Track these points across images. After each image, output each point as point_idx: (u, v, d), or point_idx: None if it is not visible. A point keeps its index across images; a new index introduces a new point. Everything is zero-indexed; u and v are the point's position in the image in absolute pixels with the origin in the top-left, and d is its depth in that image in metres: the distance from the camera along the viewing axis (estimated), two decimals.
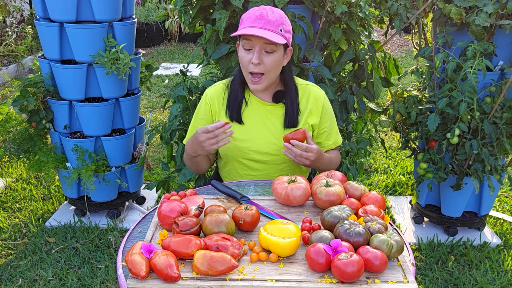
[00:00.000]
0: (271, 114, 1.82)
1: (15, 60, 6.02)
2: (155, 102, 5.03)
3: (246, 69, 1.70)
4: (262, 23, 1.61)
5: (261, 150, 1.82)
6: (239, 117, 1.81)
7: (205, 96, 1.88)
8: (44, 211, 3.04)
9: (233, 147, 1.83)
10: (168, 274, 1.13)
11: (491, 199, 2.67)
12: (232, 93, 1.82)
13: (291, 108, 1.80)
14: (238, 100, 1.81)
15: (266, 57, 1.66)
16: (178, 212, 1.35)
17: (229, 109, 1.82)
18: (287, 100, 1.80)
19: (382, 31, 7.57)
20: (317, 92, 1.86)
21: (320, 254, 1.17)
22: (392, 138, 4.26)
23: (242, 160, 1.86)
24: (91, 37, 2.43)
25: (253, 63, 1.65)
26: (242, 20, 1.68)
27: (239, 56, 1.72)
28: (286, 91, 1.80)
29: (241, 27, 1.66)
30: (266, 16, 1.62)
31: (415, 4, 2.27)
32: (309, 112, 1.84)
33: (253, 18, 1.63)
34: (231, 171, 1.93)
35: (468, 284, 2.42)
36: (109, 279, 2.42)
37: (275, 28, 1.63)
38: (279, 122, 1.82)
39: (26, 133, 2.68)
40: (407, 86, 2.81)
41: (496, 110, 2.30)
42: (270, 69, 1.68)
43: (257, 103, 1.82)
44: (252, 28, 1.61)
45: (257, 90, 1.73)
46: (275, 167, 1.86)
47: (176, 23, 7.36)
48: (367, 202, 1.44)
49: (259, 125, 1.82)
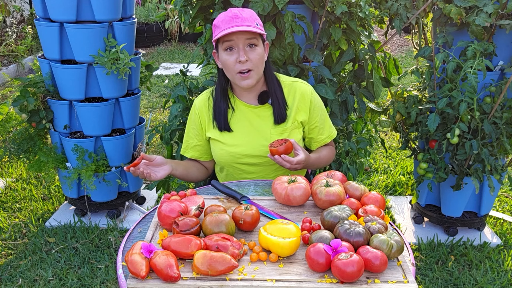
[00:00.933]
0: (258, 116, 1.83)
1: (15, 60, 6.02)
2: (155, 102, 5.03)
3: (233, 70, 1.70)
4: (239, 21, 1.63)
5: (253, 154, 1.82)
6: (227, 125, 1.82)
7: (194, 107, 1.89)
8: (44, 211, 3.04)
9: (225, 154, 1.84)
10: (168, 274, 1.13)
11: (491, 199, 2.67)
12: (215, 103, 1.83)
13: (278, 104, 1.80)
14: (222, 109, 1.81)
15: (251, 53, 1.67)
16: (178, 212, 1.35)
17: (216, 120, 1.83)
18: (272, 99, 1.80)
19: (382, 31, 7.57)
20: (304, 88, 1.85)
21: (320, 254, 1.17)
22: (392, 138, 4.26)
23: (236, 165, 1.86)
24: (91, 37, 2.43)
25: (240, 61, 1.66)
26: (216, 26, 1.68)
27: (221, 61, 1.71)
28: (269, 89, 1.80)
29: (218, 31, 1.66)
30: (240, 15, 1.65)
31: (415, 4, 2.27)
32: (297, 109, 1.83)
33: (228, 20, 1.64)
34: (227, 176, 1.94)
35: (468, 284, 2.42)
36: (109, 279, 2.42)
37: (252, 23, 1.65)
38: (267, 123, 1.82)
39: (26, 133, 2.68)
40: (407, 86, 2.81)
41: (496, 110, 2.30)
42: (257, 63, 1.69)
43: (243, 107, 1.83)
44: (232, 27, 1.62)
45: (249, 85, 1.73)
46: (269, 168, 1.87)
47: (176, 23, 7.36)
48: (367, 202, 1.44)
49: (249, 129, 1.83)
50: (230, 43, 1.66)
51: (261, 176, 1.88)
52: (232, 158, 1.84)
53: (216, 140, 1.85)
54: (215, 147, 1.87)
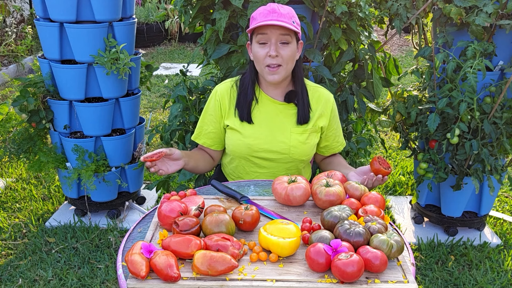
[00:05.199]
0: (281, 113, 1.83)
1: (15, 60, 6.02)
2: (155, 102, 5.03)
3: (262, 63, 1.71)
4: (275, 16, 1.64)
5: (270, 149, 1.83)
6: (249, 116, 1.82)
7: (215, 93, 1.88)
8: (44, 211, 3.04)
9: (243, 145, 1.83)
10: (168, 274, 1.13)
11: (491, 199, 2.67)
12: (242, 91, 1.83)
13: (303, 105, 1.81)
14: (248, 98, 1.81)
15: (282, 49, 1.68)
16: (178, 212, 1.35)
17: (239, 108, 1.82)
18: (298, 100, 1.81)
19: (382, 31, 7.57)
20: (327, 95, 1.88)
21: (320, 254, 1.17)
22: (392, 138, 4.26)
23: (251, 158, 1.86)
24: (91, 37, 2.43)
25: (271, 55, 1.67)
26: (253, 18, 1.70)
27: (253, 52, 1.73)
28: (297, 89, 1.81)
29: (254, 23, 1.68)
30: (278, 10, 1.66)
31: (415, 4, 2.27)
32: (320, 115, 1.85)
33: (265, 13, 1.66)
34: (237, 168, 1.93)
35: (468, 284, 2.42)
36: (109, 279, 2.42)
37: (288, 20, 1.66)
38: (289, 121, 1.83)
39: (26, 133, 2.68)
40: (407, 86, 2.81)
41: (496, 110, 2.29)
42: (287, 60, 1.70)
43: (268, 102, 1.83)
44: (268, 21, 1.63)
45: (275, 80, 1.73)
46: (282, 165, 1.87)
47: (176, 23, 7.36)
48: (367, 202, 1.44)
49: (270, 124, 1.83)
50: (263, 36, 1.67)
51: (271, 172, 1.88)
52: (248, 150, 1.83)
53: (235, 130, 1.84)
54: (233, 137, 1.85)
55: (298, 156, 1.84)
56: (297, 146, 1.82)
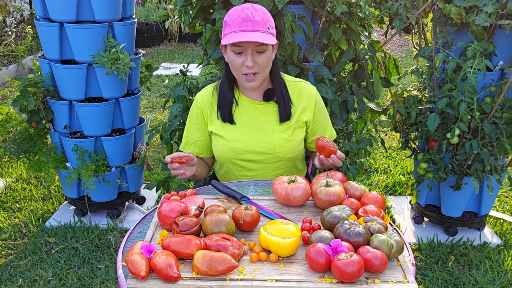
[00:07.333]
0: (262, 113, 1.82)
1: (15, 60, 6.02)
2: (155, 102, 5.03)
3: (239, 71, 1.69)
4: (250, 25, 1.58)
5: (255, 150, 1.82)
6: (230, 117, 1.81)
7: (196, 100, 1.87)
8: (44, 211, 3.04)
9: (227, 149, 1.83)
10: (168, 274, 1.13)
11: (491, 199, 2.67)
12: (221, 94, 1.82)
13: (283, 102, 1.80)
14: (228, 100, 1.80)
15: (259, 57, 1.65)
16: (178, 212, 1.35)
17: (220, 110, 1.82)
18: (278, 97, 1.80)
19: (382, 31, 7.57)
20: (309, 88, 1.86)
21: (320, 254, 1.17)
22: (392, 138, 4.26)
23: (237, 161, 1.85)
24: (91, 37, 2.43)
25: (247, 66, 1.64)
26: (226, 24, 1.64)
27: (229, 59, 1.69)
28: (275, 87, 1.80)
29: (228, 31, 1.62)
30: (252, 17, 1.59)
31: (415, 4, 2.27)
32: (303, 109, 1.83)
33: (239, 22, 1.59)
34: (227, 173, 1.93)
35: (468, 284, 2.42)
36: (109, 279, 2.42)
37: (263, 28, 1.61)
38: (271, 121, 1.82)
39: (26, 133, 2.68)
40: (407, 86, 2.81)
41: (496, 110, 2.29)
42: (264, 67, 1.68)
43: (248, 103, 1.82)
44: (241, 33, 1.58)
45: (253, 87, 1.73)
46: (270, 166, 1.86)
47: (176, 23, 7.36)
48: (367, 202, 1.44)
49: (251, 125, 1.82)
50: (238, 48, 1.63)
51: (261, 174, 1.87)
52: (233, 154, 1.83)
53: (218, 135, 1.84)
54: (217, 142, 1.85)
55: (284, 154, 1.83)
56: (281, 144, 1.81)
